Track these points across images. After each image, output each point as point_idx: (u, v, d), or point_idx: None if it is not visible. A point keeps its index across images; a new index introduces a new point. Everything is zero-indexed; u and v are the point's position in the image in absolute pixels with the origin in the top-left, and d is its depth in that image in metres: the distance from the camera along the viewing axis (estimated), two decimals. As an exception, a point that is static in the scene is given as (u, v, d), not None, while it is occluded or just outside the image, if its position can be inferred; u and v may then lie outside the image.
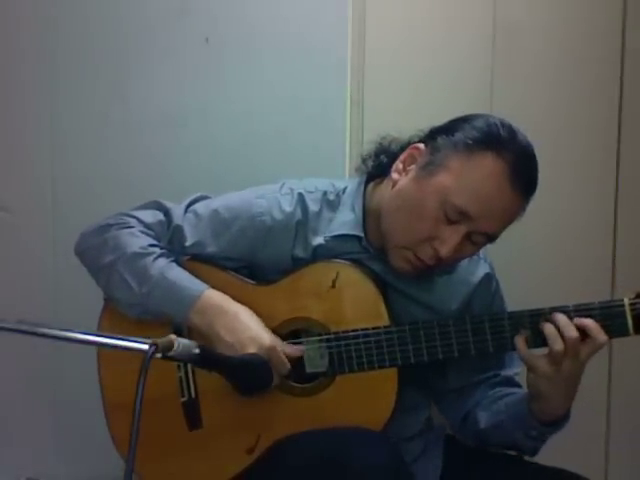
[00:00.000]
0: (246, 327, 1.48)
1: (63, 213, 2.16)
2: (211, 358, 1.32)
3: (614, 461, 2.13)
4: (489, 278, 1.64)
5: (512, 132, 1.48)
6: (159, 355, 1.17)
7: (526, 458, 1.61)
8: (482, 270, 1.64)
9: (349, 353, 1.50)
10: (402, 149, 1.57)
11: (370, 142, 1.65)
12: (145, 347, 1.16)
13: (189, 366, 1.56)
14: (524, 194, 1.48)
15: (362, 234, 1.57)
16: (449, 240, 1.45)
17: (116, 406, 1.61)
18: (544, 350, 1.43)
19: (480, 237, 1.48)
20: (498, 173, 1.44)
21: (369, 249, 1.57)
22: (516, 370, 1.63)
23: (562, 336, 1.39)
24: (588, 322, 1.40)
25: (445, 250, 1.46)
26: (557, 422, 1.49)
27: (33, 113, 2.16)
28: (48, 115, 2.15)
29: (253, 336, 1.48)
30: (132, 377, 1.55)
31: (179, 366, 1.56)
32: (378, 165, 1.61)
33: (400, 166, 1.53)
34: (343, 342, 1.50)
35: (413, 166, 1.51)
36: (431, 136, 1.53)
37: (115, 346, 1.22)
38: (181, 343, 1.21)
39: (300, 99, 2.04)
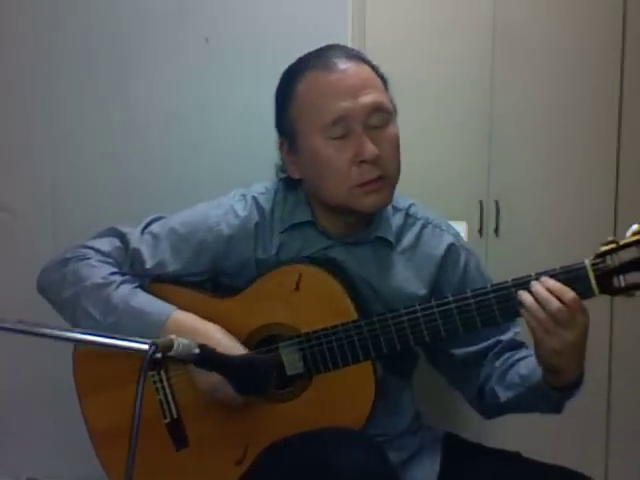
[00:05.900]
0: (217, 343, 1.45)
1: (63, 213, 2.16)
2: (211, 358, 1.32)
3: (614, 460, 2.14)
4: (454, 249, 1.63)
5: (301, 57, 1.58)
6: (159, 355, 1.17)
7: (525, 455, 1.61)
8: (445, 241, 1.63)
9: (322, 352, 1.51)
10: None
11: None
12: (145, 347, 1.16)
13: (167, 388, 1.55)
14: (356, 59, 1.53)
15: (311, 218, 1.59)
16: (361, 146, 1.49)
17: (103, 435, 1.61)
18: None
19: (376, 116, 1.51)
20: (318, 75, 1.51)
21: (326, 234, 1.59)
22: (515, 330, 1.61)
23: (544, 308, 1.37)
24: (551, 284, 1.38)
25: (368, 152, 1.49)
26: (574, 385, 1.46)
27: (33, 113, 2.16)
28: (48, 115, 2.15)
29: (224, 352, 1.46)
30: (113, 404, 1.56)
31: (157, 389, 1.55)
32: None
33: (290, 167, 1.59)
34: (315, 342, 1.51)
35: (290, 156, 1.58)
36: (278, 126, 1.59)
37: (115, 346, 1.22)
38: (181, 343, 1.21)
39: (300, 99, 2.04)
